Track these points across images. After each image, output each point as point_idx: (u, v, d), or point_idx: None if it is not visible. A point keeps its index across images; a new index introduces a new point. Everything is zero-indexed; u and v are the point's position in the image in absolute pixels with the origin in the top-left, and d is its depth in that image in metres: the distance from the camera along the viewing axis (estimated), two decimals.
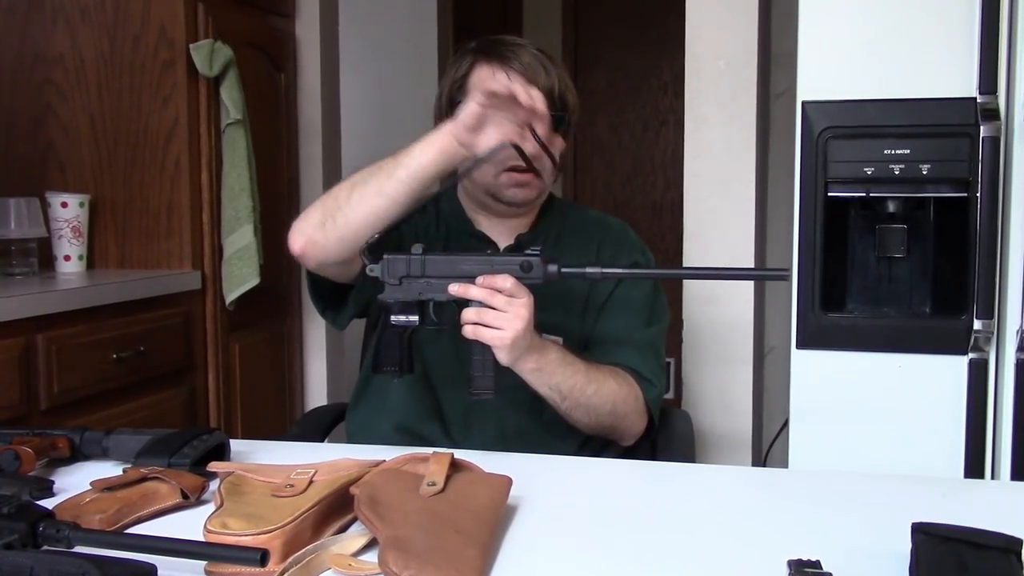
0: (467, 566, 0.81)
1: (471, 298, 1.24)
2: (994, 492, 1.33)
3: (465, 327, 1.25)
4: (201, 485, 1.03)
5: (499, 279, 1.24)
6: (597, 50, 4.83)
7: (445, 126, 1.30)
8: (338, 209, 1.34)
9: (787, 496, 1.10)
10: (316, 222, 1.36)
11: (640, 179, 4.84)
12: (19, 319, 1.90)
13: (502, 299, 1.24)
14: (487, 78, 1.44)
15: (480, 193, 1.50)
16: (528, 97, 1.25)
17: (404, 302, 1.27)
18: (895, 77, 1.72)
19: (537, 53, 1.46)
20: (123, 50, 2.42)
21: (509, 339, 1.24)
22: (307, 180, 2.97)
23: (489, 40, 1.52)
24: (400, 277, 1.27)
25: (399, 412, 1.49)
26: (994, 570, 0.76)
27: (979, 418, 1.69)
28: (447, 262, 1.27)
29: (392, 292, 1.27)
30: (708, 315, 2.32)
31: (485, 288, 1.24)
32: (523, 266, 1.25)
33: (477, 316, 1.24)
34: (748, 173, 2.30)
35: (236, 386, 2.59)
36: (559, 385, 1.35)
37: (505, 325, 1.24)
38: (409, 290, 1.27)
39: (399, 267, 1.27)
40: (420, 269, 1.26)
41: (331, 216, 1.35)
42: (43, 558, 0.76)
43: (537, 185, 1.47)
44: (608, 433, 1.46)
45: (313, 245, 1.36)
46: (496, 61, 1.45)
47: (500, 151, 1.29)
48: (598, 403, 1.39)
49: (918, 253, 1.80)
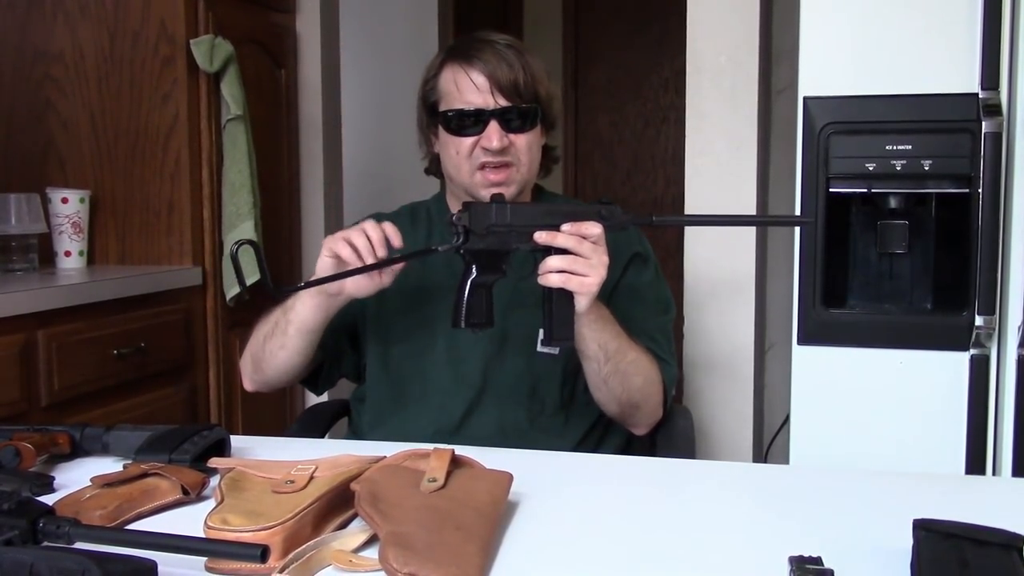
0: (468, 562, 0.81)
1: (559, 245, 1.24)
2: (995, 488, 1.33)
3: (550, 275, 1.25)
4: (201, 481, 1.03)
5: (587, 226, 1.25)
6: (598, 47, 4.83)
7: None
8: (262, 360, 1.47)
9: (788, 492, 1.10)
10: (250, 372, 1.52)
11: (641, 175, 4.83)
12: (19, 315, 1.90)
13: (589, 246, 1.24)
14: (451, 79, 1.45)
15: (461, 192, 1.49)
16: (367, 242, 1.29)
17: (488, 253, 1.27)
18: (897, 73, 1.72)
19: (503, 49, 1.45)
20: (123, 46, 2.42)
21: (596, 285, 1.25)
22: (308, 176, 2.97)
23: (462, 39, 1.53)
24: (486, 227, 1.26)
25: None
26: (995, 566, 0.76)
27: (980, 414, 1.69)
28: (531, 211, 1.28)
29: (478, 241, 1.26)
30: (709, 310, 2.31)
31: (574, 235, 1.24)
32: (601, 213, 1.26)
33: (566, 264, 1.24)
34: (749, 169, 2.29)
35: (236, 382, 2.58)
36: (607, 344, 1.35)
37: (592, 272, 1.24)
38: (494, 240, 1.26)
39: (485, 217, 1.26)
40: (505, 218, 1.26)
41: (258, 368, 1.49)
42: (43, 554, 0.76)
43: (515, 179, 1.46)
44: (629, 414, 1.45)
45: (260, 387, 1.53)
46: (461, 61, 1.45)
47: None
48: (633, 372, 1.39)
49: (919, 249, 1.80)
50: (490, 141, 1.42)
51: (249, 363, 1.51)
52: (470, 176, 1.45)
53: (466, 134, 1.44)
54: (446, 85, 1.47)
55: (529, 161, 1.47)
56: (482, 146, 1.43)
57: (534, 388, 1.47)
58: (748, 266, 2.31)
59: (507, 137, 1.43)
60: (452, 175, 1.49)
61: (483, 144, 1.43)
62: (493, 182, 1.44)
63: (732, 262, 2.29)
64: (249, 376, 1.53)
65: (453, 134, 1.45)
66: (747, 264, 2.31)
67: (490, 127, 1.42)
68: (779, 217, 1.70)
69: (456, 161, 1.46)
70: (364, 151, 3.59)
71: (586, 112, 4.88)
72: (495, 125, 1.42)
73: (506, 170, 1.44)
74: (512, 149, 1.44)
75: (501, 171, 1.44)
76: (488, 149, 1.42)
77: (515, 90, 1.43)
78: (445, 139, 1.47)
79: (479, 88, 1.43)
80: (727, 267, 2.28)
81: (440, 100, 1.48)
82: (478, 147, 1.43)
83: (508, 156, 1.44)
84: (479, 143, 1.43)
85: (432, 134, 1.53)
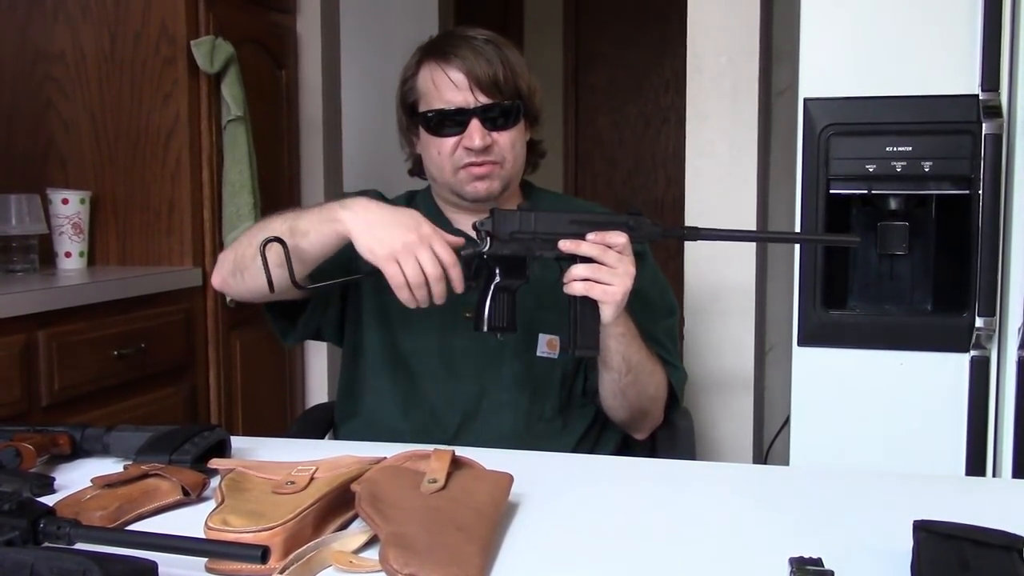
0: (468, 563, 0.81)
1: (583, 254, 1.23)
2: (996, 490, 1.33)
3: (574, 284, 1.24)
4: (202, 482, 1.03)
5: (612, 235, 1.24)
6: (598, 47, 4.83)
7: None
8: (245, 268, 1.34)
9: (788, 494, 1.10)
10: (228, 271, 1.38)
11: (641, 176, 4.84)
12: (20, 316, 1.90)
13: (614, 255, 1.23)
14: (428, 79, 1.41)
15: (446, 192, 1.47)
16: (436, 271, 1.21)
17: (510, 258, 1.25)
18: (897, 74, 1.72)
19: (481, 44, 1.41)
20: (124, 46, 2.42)
21: (620, 295, 1.24)
22: (308, 176, 2.97)
23: (438, 36, 1.50)
24: (510, 233, 1.25)
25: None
26: (996, 568, 0.76)
27: (980, 416, 1.69)
28: (556, 218, 1.26)
29: (501, 247, 1.25)
30: (709, 312, 2.31)
31: (598, 244, 1.23)
32: (629, 224, 1.26)
33: (590, 272, 1.23)
34: (750, 170, 2.29)
35: (237, 383, 2.59)
36: (631, 357, 1.35)
37: (616, 281, 1.23)
38: (517, 246, 1.25)
39: (509, 223, 1.25)
40: (530, 225, 1.25)
41: (239, 271, 1.35)
42: (44, 555, 0.76)
43: (500, 176, 1.43)
44: (637, 420, 1.45)
45: (229, 288, 1.40)
46: (438, 58, 1.41)
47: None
48: (648, 382, 1.39)
49: (920, 250, 1.80)
50: (472, 140, 1.38)
51: (228, 264, 1.38)
52: (453, 175, 1.42)
53: (447, 134, 1.41)
54: (424, 84, 1.43)
55: (513, 158, 1.44)
56: (464, 146, 1.40)
57: (533, 393, 1.45)
58: (748, 267, 2.31)
59: (490, 135, 1.40)
60: (435, 175, 1.46)
61: (465, 144, 1.39)
62: (476, 175, 1.41)
63: (732, 263, 2.29)
64: (225, 276, 1.39)
65: (434, 134, 1.42)
66: (747, 265, 2.31)
67: (471, 126, 1.39)
68: (822, 236, 1.67)
69: (439, 162, 1.43)
70: (364, 151, 3.59)
71: (586, 113, 4.88)
72: (476, 124, 1.39)
73: (490, 167, 1.41)
74: (495, 147, 1.41)
75: (484, 167, 1.41)
76: (471, 149, 1.39)
77: (495, 86, 1.39)
78: (426, 140, 1.44)
79: (458, 86, 1.39)
80: (727, 268, 2.28)
81: (419, 100, 1.44)
82: (460, 147, 1.40)
83: (491, 155, 1.41)
84: (461, 143, 1.40)
85: (413, 135, 1.49)
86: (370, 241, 1.22)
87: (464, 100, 1.39)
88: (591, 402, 1.50)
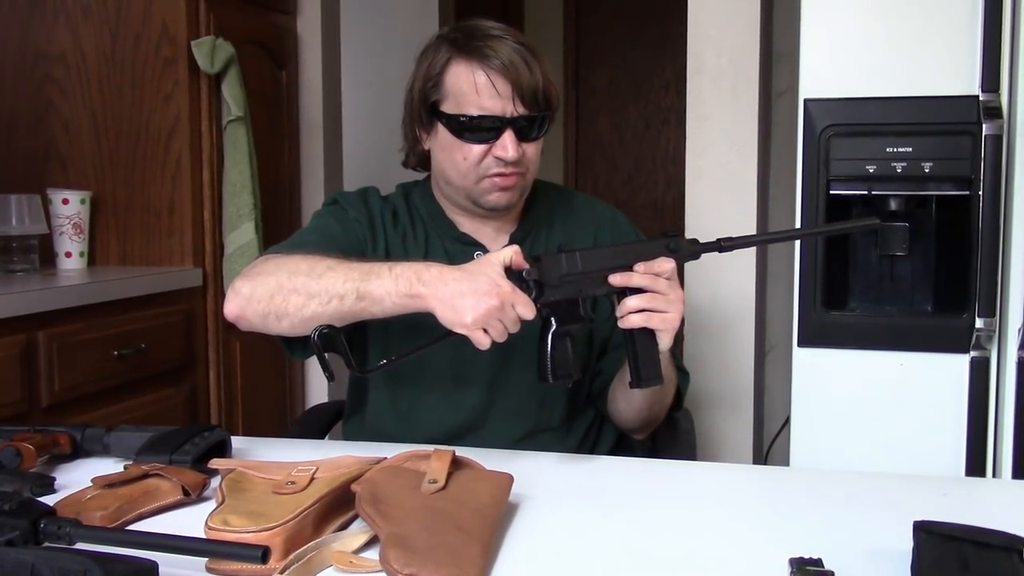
0: (468, 563, 0.81)
1: (635, 285, 1.22)
2: (996, 490, 1.33)
3: (631, 316, 1.22)
4: (202, 482, 1.03)
5: (660, 263, 1.23)
6: (598, 48, 4.83)
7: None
8: (285, 315, 1.24)
9: (788, 494, 1.10)
10: (256, 312, 1.26)
11: (642, 177, 4.84)
12: (20, 316, 1.90)
13: (664, 283, 1.23)
14: (465, 80, 1.34)
15: (460, 197, 1.41)
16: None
17: (565, 302, 1.23)
18: (897, 75, 1.72)
19: (518, 47, 1.34)
20: (125, 47, 2.42)
21: (677, 320, 1.24)
22: (308, 177, 2.97)
23: (465, 29, 1.39)
24: (559, 277, 1.22)
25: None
26: (996, 569, 0.76)
27: (980, 416, 1.69)
28: (600, 254, 1.25)
29: (552, 293, 1.22)
30: (709, 313, 2.31)
31: (648, 275, 1.23)
32: (670, 247, 1.25)
33: (646, 303, 1.22)
34: (750, 171, 2.30)
35: (237, 383, 2.59)
36: (668, 373, 1.34)
37: (672, 308, 1.23)
38: (568, 288, 1.23)
39: (557, 268, 1.23)
40: (576, 266, 1.23)
41: (276, 316, 1.25)
42: (44, 555, 0.76)
43: (521, 187, 1.40)
44: (644, 426, 1.46)
45: (251, 325, 1.28)
46: (474, 58, 1.34)
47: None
48: (669, 393, 1.40)
49: (920, 251, 1.80)
50: (506, 151, 1.33)
51: (261, 305, 1.26)
52: (476, 183, 1.37)
53: (477, 140, 1.34)
54: (456, 84, 1.35)
55: (535, 168, 1.41)
56: (496, 155, 1.34)
57: (542, 402, 1.43)
58: (749, 268, 2.31)
59: (520, 146, 1.35)
60: (452, 179, 1.39)
61: (498, 154, 1.34)
62: (502, 186, 1.36)
63: (732, 264, 2.29)
64: (247, 314, 1.27)
65: (461, 139, 1.35)
66: (748, 266, 2.31)
67: (505, 136, 1.33)
68: (843, 225, 1.66)
69: (462, 167, 1.36)
70: (364, 151, 3.59)
71: (587, 114, 4.88)
72: (511, 134, 1.33)
73: (516, 178, 1.37)
74: (523, 158, 1.36)
75: (512, 178, 1.37)
76: (501, 159, 1.34)
77: (534, 98, 1.34)
78: (448, 142, 1.37)
79: (500, 94, 1.32)
80: (728, 269, 2.28)
81: (445, 99, 1.36)
82: (490, 155, 1.34)
83: (519, 166, 1.36)
84: (491, 151, 1.34)
85: (424, 131, 1.42)
86: (453, 316, 1.17)
87: (503, 109, 1.33)
88: (593, 405, 1.50)
